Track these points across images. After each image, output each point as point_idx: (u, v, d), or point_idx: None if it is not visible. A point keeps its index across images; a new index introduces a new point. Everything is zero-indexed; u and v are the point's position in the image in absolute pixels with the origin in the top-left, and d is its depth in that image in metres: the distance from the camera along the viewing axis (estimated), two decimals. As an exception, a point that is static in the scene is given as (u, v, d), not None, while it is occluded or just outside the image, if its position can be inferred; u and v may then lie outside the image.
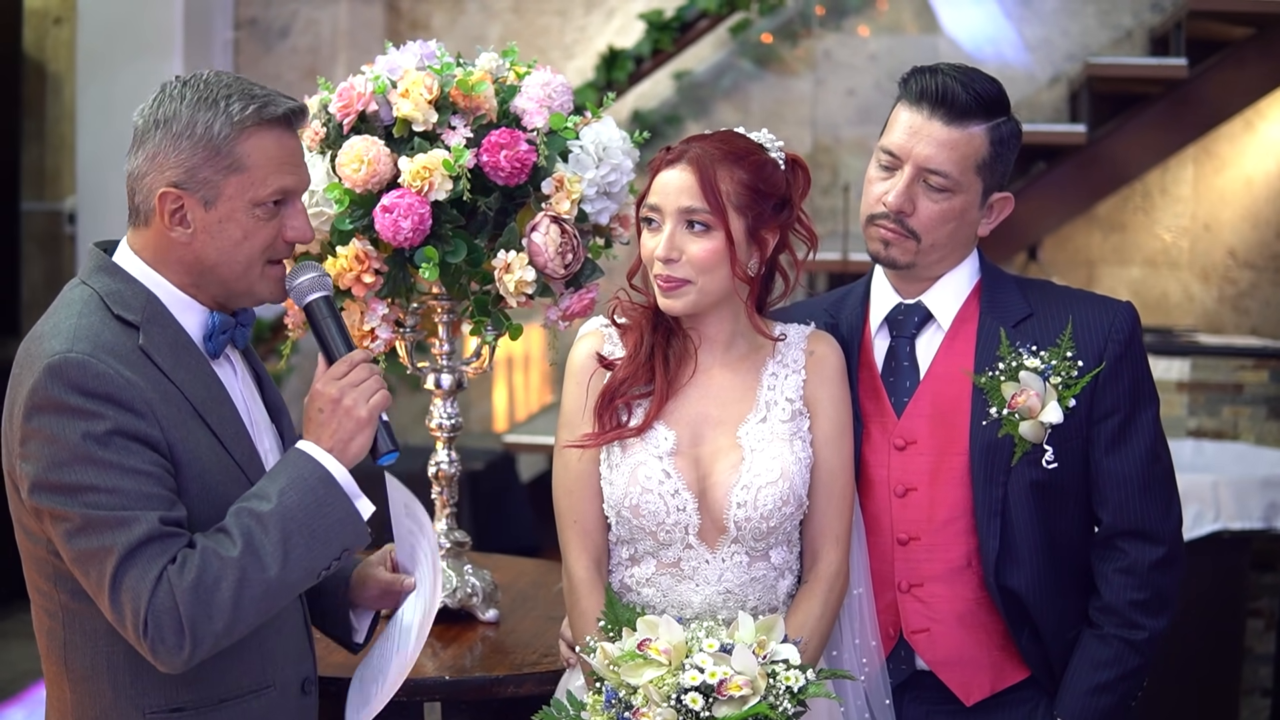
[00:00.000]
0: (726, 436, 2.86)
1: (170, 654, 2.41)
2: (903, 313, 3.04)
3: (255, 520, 2.45)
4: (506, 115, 3.25)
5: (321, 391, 2.58)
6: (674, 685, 2.59)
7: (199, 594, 2.39)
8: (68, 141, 8.01)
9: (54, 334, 2.47)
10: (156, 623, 2.38)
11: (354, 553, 2.58)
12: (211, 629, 2.41)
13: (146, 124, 2.54)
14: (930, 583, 2.98)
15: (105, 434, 2.40)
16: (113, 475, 2.40)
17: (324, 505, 2.50)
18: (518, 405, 7.76)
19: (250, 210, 2.55)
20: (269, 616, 2.51)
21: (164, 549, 2.40)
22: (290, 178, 2.59)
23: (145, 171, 2.54)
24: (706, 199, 2.78)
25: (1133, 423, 2.96)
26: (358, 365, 2.61)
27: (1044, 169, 6.73)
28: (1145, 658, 2.97)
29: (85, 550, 2.40)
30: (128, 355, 2.47)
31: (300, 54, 7.72)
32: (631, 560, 2.89)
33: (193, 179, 2.51)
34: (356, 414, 2.56)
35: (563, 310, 3.32)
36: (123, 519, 2.38)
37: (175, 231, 2.54)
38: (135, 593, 2.38)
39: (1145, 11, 7.25)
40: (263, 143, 2.54)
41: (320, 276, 2.70)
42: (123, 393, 2.42)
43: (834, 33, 7.47)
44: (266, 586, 2.44)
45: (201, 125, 2.50)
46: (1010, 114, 2.99)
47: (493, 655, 3.28)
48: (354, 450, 2.56)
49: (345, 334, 2.69)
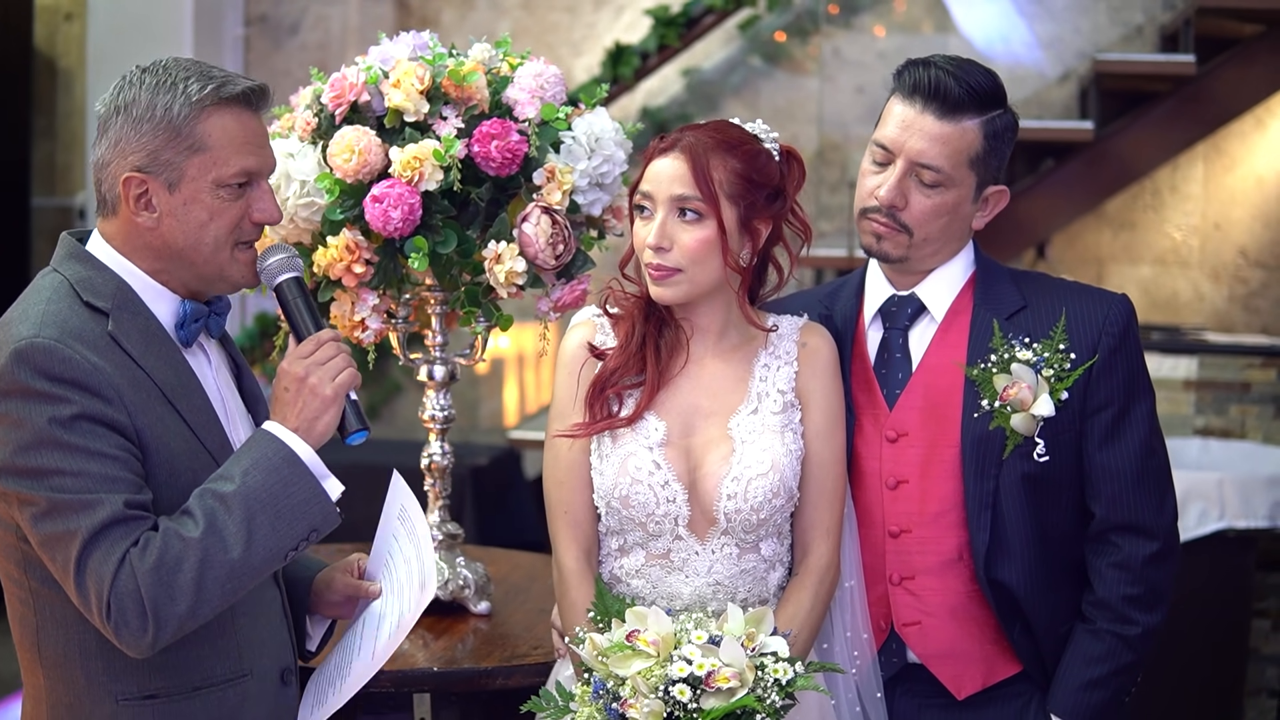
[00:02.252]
0: (717, 428, 2.86)
1: (134, 637, 2.40)
2: (896, 304, 3.04)
3: (218, 501, 2.44)
4: (498, 106, 3.25)
5: (287, 370, 2.56)
6: (662, 677, 2.58)
7: (160, 575, 2.38)
8: (78, 137, 8.03)
9: (21, 320, 2.47)
10: (119, 605, 2.38)
11: (322, 534, 2.55)
12: (174, 611, 2.40)
13: (108, 112, 2.54)
14: (921, 575, 2.97)
15: (70, 418, 2.39)
16: (78, 459, 2.39)
17: (289, 485, 2.48)
18: (529, 402, 7.76)
19: (214, 191, 2.55)
20: (235, 599, 2.50)
21: (127, 532, 2.40)
22: (253, 158, 2.58)
23: (109, 159, 2.54)
24: (699, 187, 2.77)
25: (1127, 416, 2.95)
26: (325, 344, 2.59)
27: (1053, 166, 6.70)
28: (1139, 653, 2.95)
29: (51, 534, 2.40)
30: (95, 341, 2.47)
31: (310, 50, 7.73)
32: (621, 551, 2.88)
33: (155, 162, 2.51)
34: (322, 392, 2.55)
35: (554, 301, 3.32)
36: (87, 502, 2.38)
37: (141, 216, 2.54)
38: (99, 575, 2.38)
39: (1155, 8, 7.22)
40: (222, 121, 2.54)
41: (290, 258, 2.69)
42: (89, 378, 2.41)
43: (843, 30, 7.46)
44: (230, 568, 2.43)
45: (161, 107, 2.50)
46: (1006, 106, 2.97)
47: (483, 647, 3.27)
48: (320, 429, 2.55)
49: (315, 314, 2.68)
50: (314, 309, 2.69)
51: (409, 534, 2.77)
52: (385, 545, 2.81)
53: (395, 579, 2.76)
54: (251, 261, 2.65)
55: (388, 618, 2.73)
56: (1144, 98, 6.70)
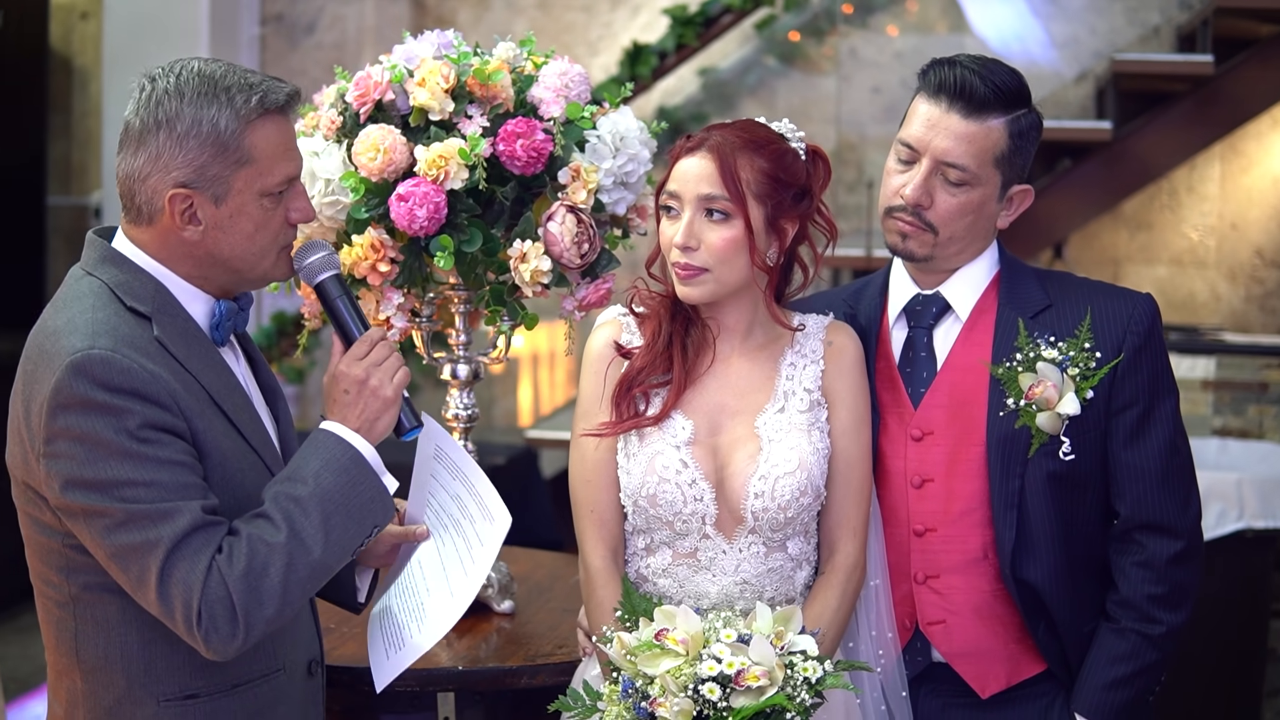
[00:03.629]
0: (744, 426, 2.85)
1: (223, 643, 2.42)
2: (921, 303, 3.03)
3: (295, 504, 2.46)
4: (523, 105, 3.24)
5: (346, 372, 2.59)
6: (691, 675, 2.57)
7: (250, 581, 2.40)
8: (94, 136, 8.02)
9: (70, 330, 2.45)
10: (210, 613, 2.39)
11: (382, 528, 2.59)
12: (263, 615, 2.42)
13: (145, 125, 2.51)
14: (946, 574, 2.97)
15: (136, 428, 2.39)
16: (149, 468, 2.39)
17: (357, 485, 2.52)
18: (544, 401, 7.75)
19: (259, 201, 2.54)
20: (311, 597, 2.54)
21: (209, 538, 2.41)
22: (293, 164, 2.59)
23: (148, 173, 2.51)
24: (726, 187, 2.77)
25: (1151, 415, 2.94)
26: (378, 344, 2.62)
27: (1070, 166, 6.69)
28: (1163, 653, 2.95)
29: (126, 545, 2.40)
30: (146, 347, 2.46)
31: (326, 50, 7.73)
32: (647, 550, 2.88)
33: (202, 177, 2.49)
34: (383, 394, 2.58)
35: (579, 300, 3.32)
36: (165, 511, 2.39)
37: (187, 231, 2.53)
38: (186, 585, 2.38)
39: (1172, 9, 7.21)
40: (266, 132, 2.52)
41: (329, 255, 2.69)
42: (148, 386, 2.41)
43: (859, 30, 7.45)
44: (311, 569, 2.46)
45: (207, 123, 2.48)
46: (1030, 106, 2.97)
47: (507, 646, 3.28)
48: (380, 429, 2.59)
49: (359, 311, 2.69)
50: (358, 305, 2.70)
51: (451, 472, 2.79)
52: (425, 487, 2.82)
53: (444, 518, 2.79)
54: (289, 258, 2.66)
55: (450, 556, 2.75)
56: (1161, 98, 6.69)
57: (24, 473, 2.50)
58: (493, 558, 2.70)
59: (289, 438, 2.76)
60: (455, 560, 2.74)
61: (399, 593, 2.81)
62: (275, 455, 2.64)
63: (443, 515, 2.79)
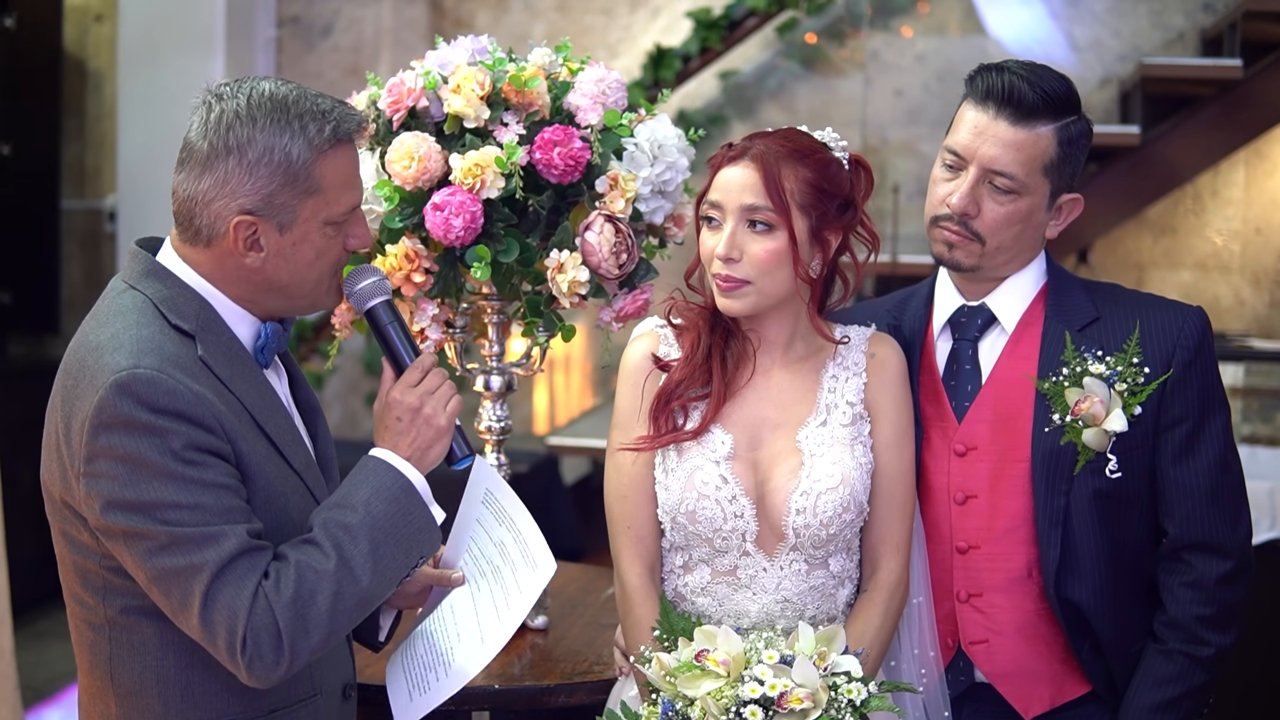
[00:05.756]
0: (785, 440, 2.80)
1: (267, 670, 2.38)
2: (966, 315, 2.98)
3: (345, 531, 2.44)
4: (560, 112, 3.20)
5: (400, 400, 2.57)
6: (733, 698, 2.53)
7: (297, 609, 2.37)
8: (108, 139, 8.00)
9: (115, 347, 2.40)
10: (255, 640, 2.35)
11: (428, 559, 2.57)
12: (309, 643, 2.39)
13: (214, 149, 2.44)
14: (990, 593, 2.93)
15: (181, 449, 2.35)
16: (193, 491, 2.36)
17: (408, 514, 2.50)
18: (560, 408, 7.72)
19: (323, 230, 2.51)
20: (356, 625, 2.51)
21: (255, 563, 2.38)
22: (357, 192, 2.56)
23: (213, 197, 2.45)
24: (770, 197, 2.72)
25: (1202, 431, 2.90)
26: (430, 371, 2.60)
27: (1095, 171, 6.67)
28: (1211, 674, 2.91)
29: (169, 568, 2.36)
30: (190, 367, 2.42)
31: (343, 52, 7.70)
32: (685, 568, 2.83)
33: (269, 205, 2.45)
34: (436, 422, 2.57)
35: (616, 311, 3.26)
36: (210, 535, 2.35)
37: (249, 257, 2.49)
38: (231, 610, 2.35)
39: (1197, 12, 7.18)
40: (335, 162, 2.49)
41: (380, 280, 2.66)
42: (192, 408, 2.37)
43: (881, 33, 7.42)
44: (359, 598, 2.44)
45: (279, 152, 2.43)
46: (1080, 113, 2.92)
47: (542, 663, 3.23)
48: (431, 458, 2.57)
49: (410, 337, 2.67)
50: (409, 332, 2.68)
51: (499, 517, 2.75)
52: (467, 531, 2.79)
53: (483, 564, 2.74)
54: (340, 286, 2.63)
55: (485, 603, 2.71)
56: (1187, 102, 6.66)
57: (62, 490, 2.45)
58: (530, 605, 2.66)
59: (327, 456, 2.73)
60: (489, 607, 2.70)
61: (427, 635, 2.79)
62: (318, 478, 2.61)
63: (480, 561, 2.76)
